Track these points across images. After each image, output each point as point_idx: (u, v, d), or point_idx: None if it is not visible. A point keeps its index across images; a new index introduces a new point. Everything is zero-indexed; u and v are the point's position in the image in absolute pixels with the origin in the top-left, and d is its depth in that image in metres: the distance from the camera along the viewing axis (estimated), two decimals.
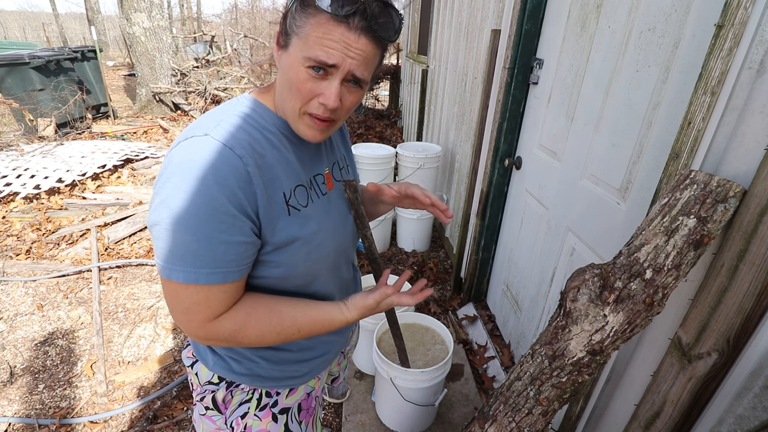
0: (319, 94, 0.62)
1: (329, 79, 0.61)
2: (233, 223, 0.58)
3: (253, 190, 0.61)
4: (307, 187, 0.72)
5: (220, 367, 0.79)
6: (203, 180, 0.56)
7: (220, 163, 0.57)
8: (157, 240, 0.58)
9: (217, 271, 0.60)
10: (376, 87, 6.87)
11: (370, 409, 1.69)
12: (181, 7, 18.16)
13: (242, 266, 0.63)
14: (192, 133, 0.60)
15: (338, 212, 0.80)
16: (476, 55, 2.28)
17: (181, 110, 6.75)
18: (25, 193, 3.39)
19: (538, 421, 0.84)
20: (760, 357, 0.66)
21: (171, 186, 0.56)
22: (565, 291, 0.80)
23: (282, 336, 0.69)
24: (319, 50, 0.58)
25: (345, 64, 0.59)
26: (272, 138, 0.67)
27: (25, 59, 5.09)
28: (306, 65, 0.60)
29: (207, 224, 0.57)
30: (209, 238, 0.57)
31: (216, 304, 0.63)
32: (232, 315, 0.65)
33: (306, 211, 0.70)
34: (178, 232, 0.56)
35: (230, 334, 0.65)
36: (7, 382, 1.85)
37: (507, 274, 1.99)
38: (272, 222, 0.65)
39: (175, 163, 0.57)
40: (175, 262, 0.58)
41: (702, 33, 0.83)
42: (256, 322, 0.67)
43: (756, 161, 0.66)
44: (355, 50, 0.59)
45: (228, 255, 0.60)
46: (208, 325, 0.64)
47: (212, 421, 0.85)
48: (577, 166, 1.33)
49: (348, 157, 0.91)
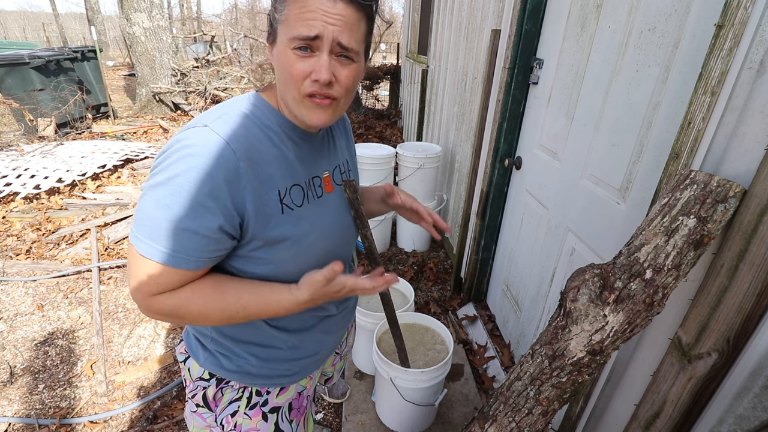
0: (311, 72, 0.61)
1: (317, 54, 0.61)
2: (204, 215, 0.59)
3: (243, 185, 0.61)
4: (304, 187, 0.72)
5: (211, 363, 0.79)
6: (192, 168, 0.57)
7: (212, 154, 0.58)
8: (137, 206, 0.61)
9: (174, 255, 0.60)
10: (376, 87, 6.87)
11: (370, 409, 1.69)
12: (181, 7, 18.17)
13: (201, 259, 0.62)
14: (193, 124, 0.62)
15: (335, 214, 0.80)
16: (476, 55, 2.28)
17: (181, 110, 6.75)
18: (25, 193, 3.39)
19: (538, 421, 0.84)
20: (760, 357, 0.66)
21: (163, 163, 0.59)
22: (565, 291, 0.80)
23: (227, 313, 0.66)
24: (300, 26, 0.59)
25: (327, 33, 0.59)
26: (273, 136, 0.67)
27: (25, 59, 5.09)
28: (292, 47, 0.61)
29: (180, 208, 0.58)
30: (178, 222, 0.58)
31: (165, 284, 0.63)
32: (176, 290, 0.64)
33: (300, 211, 0.70)
34: (153, 207, 0.58)
35: (171, 309, 0.64)
36: (7, 382, 1.85)
37: (507, 274, 1.99)
38: (264, 218, 0.65)
39: (174, 147, 0.60)
40: (142, 232, 0.60)
41: (702, 33, 0.83)
42: (198, 298, 0.65)
43: (756, 161, 0.66)
44: (334, 16, 0.59)
45: (190, 243, 0.60)
46: (150, 299, 0.64)
47: (203, 418, 0.85)
48: (577, 166, 1.33)
49: (351, 162, 0.91)
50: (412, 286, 1.84)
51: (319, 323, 0.85)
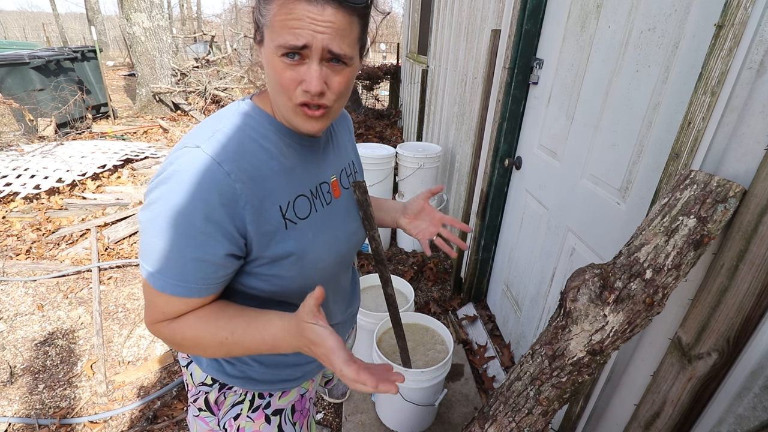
0: (301, 81, 0.58)
1: (307, 62, 0.57)
2: (206, 242, 0.58)
3: (240, 206, 0.59)
4: (310, 196, 0.70)
5: (213, 369, 0.79)
6: (186, 195, 0.56)
7: (205, 180, 0.56)
8: (140, 237, 0.60)
9: (183, 285, 0.59)
10: (376, 87, 6.86)
11: (370, 409, 1.69)
12: (181, 7, 18.18)
13: (211, 285, 0.62)
14: (185, 144, 0.60)
15: (342, 221, 0.78)
16: (476, 55, 2.28)
17: (181, 110, 6.75)
18: (25, 193, 3.39)
19: (538, 421, 0.84)
20: (760, 357, 0.66)
21: (158, 192, 0.57)
22: (565, 291, 0.80)
23: (216, 338, 0.62)
24: (286, 34, 0.54)
25: (316, 42, 0.55)
26: (270, 147, 0.65)
27: (25, 59, 5.09)
28: (279, 54, 0.56)
29: (182, 238, 0.57)
30: (182, 252, 0.57)
31: (171, 312, 0.63)
32: (178, 318, 0.64)
33: (304, 224, 0.68)
34: (156, 238, 0.57)
35: (168, 335, 0.64)
36: (7, 382, 1.85)
37: (507, 274, 1.99)
38: (266, 236, 0.63)
39: (167, 171, 0.58)
40: (150, 264, 0.59)
41: (702, 33, 0.83)
42: (194, 322, 0.63)
43: (756, 161, 0.66)
44: (323, 24, 0.54)
45: (198, 272, 0.59)
46: (155, 324, 0.64)
47: (205, 422, 0.85)
48: (577, 166, 1.33)
49: (357, 163, 0.89)
50: (412, 286, 1.84)
51: None
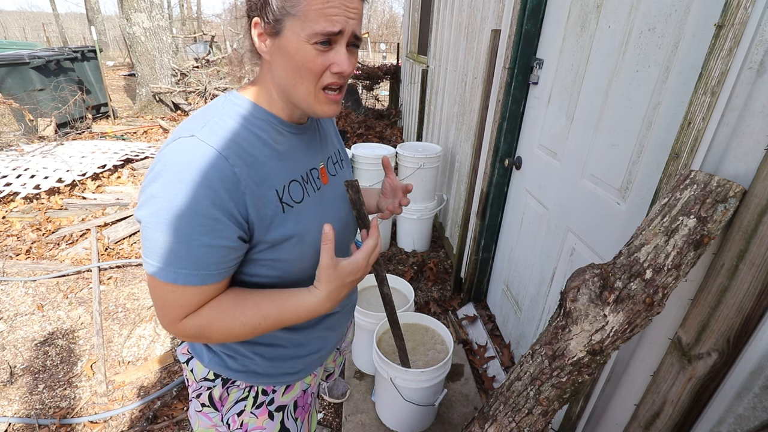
0: (330, 64, 0.62)
1: (335, 47, 0.62)
2: (215, 227, 0.58)
3: (242, 191, 0.60)
4: (302, 181, 0.72)
5: (216, 364, 0.79)
6: (187, 182, 0.56)
7: (205, 166, 0.57)
8: (143, 235, 0.59)
9: (196, 273, 0.60)
10: (376, 87, 6.86)
11: (370, 409, 1.69)
12: (181, 7, 18.18)
13: (222, 270, 0.62)
14: (179, 134, 0.61)
15: (333, 205, 0.80)
16: (476, 55, 2.28)
17: (181, 110, 6.75)
18: (25, 193, 3.39)
19: (538, 421, 0.84)
20: (760, 357, 0.66)
21: (157, 186, 0.57)
22: (565, 291, 0.80)
23: (248, 327, 0.65)
24: (324, 22, 0.58)
25: (348, 27, 0.61)
26: (262, 134, 0.67)
27: (25, 59, 5.09)
28: (312, 42, 0.60)
29: (188, 226, 0.57)
30: (190, 240, 0.58)
31: (190, 304, 0.63)
32: (199, 310, 0.64)
33: (300, 207, 0.70)
34: (161, 232, 0.57)
35: (196, 330, 0.64)
36: (7, 382, 1.85)
37: (507, 274, 1.99)
38: (266, 220, 0.65)
39: (162, 163, 0.58)
40: (157, 260, 0.59)
41: (702, 33, 0.83)
42: (220, 314, 0.64)
43: (756, 161, 0.66)
44: (353, 10, 0.61)
45: (209, 258, 0.60)
46: (178, 323, 0.64)
47: (208, 418, 0.85)
48: (577, 166, 1.33)
49: (342, 151, 0.91)
50: (412, 286, 1.84)
51: (323, 320, 0.86)
